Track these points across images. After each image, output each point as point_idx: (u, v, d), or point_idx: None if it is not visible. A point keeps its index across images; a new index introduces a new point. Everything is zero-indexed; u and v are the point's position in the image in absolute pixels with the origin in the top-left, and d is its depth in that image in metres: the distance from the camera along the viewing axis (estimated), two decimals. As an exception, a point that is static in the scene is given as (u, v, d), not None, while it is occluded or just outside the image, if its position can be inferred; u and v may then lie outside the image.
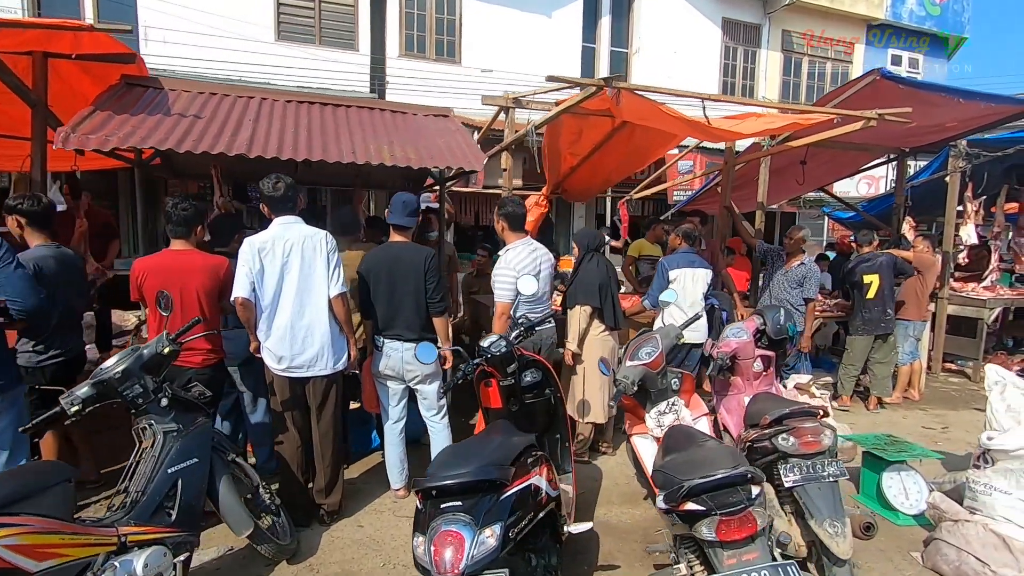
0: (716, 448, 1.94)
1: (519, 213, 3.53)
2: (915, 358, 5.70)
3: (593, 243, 4.03)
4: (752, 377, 3.43)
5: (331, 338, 2.89)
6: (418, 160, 3.43)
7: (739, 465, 1.71)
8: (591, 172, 5.66)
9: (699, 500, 1.71)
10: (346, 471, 3.80)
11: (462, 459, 1.81)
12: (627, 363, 2.67)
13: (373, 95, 10.16)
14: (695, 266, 4.17)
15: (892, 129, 5.62)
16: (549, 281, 3.66)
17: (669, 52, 12.30)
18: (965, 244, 6.92)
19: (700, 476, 1.72)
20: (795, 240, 4.83)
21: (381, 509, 3.25)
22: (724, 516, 1.66)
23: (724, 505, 1.68)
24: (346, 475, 3.74)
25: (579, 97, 3.40)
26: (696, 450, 1.98)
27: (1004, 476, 2.73)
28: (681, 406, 2.64)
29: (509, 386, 2.71)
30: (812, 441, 2.30)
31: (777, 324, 3.42)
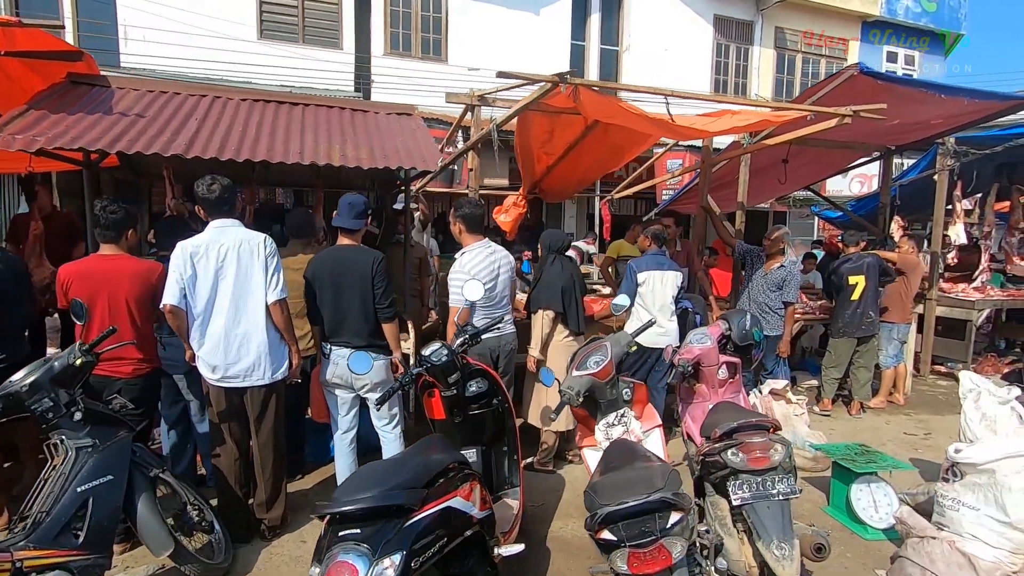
0: (644, 469, 1.81)
1: (477, 214, 3.41)
2: (899, 361, 5.56)
3: (556, 244, 3.92)
4: (717, 384, 3.30)
5: (269, 346, 2.77)
6: (370, 160, 3.31)
7: (657, 491, 1.58)
8: (567, 171, 5.53)
9: (613, 529, 1.59)
10: (300, 481, 3.69)
11: (370, 481, 1.69)
12: (573, 372, 2.54)
13: (358, 94, 10.04)
14: (664, 268, 4.03)
15: (876, 126, 5.48)
16: (509, 284, 3.54)
17: (660, 50, 12.15)
18: (954, 244, 6.78)
19: (615, 503, 1.59)
20: (774, 240, 4.69)
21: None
22: (634, 548, 1.54)
23: (635, 536, 1.56)
24: (300, 486, 3.63)
25: (536, 94, 3.27)
26: (626, 471, 1.85)
27: (972, 491, 2.60)
28: (631, 418, 2.51)
29: (452, 397, 2.58)
30: (761, 457, 2.17)
31: (743, 330, 3.28)
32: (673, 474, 1.75)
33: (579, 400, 2.44)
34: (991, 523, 2.49)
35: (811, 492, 3.64)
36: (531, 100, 3.35)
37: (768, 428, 2.32)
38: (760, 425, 2.32)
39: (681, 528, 1.59)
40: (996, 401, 3.13)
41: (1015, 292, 6.91)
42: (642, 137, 4.86)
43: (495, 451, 2.75)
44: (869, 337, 5.04)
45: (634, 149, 5.02)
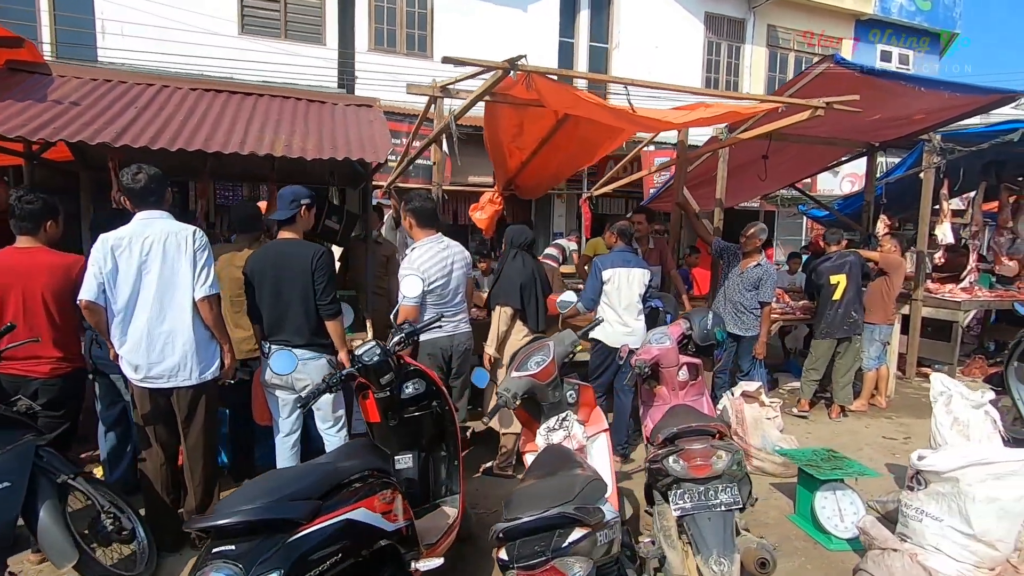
0: (561, 479, 1.67)
1: (427, 208, 3.26)
2: (881, 363, 5.41)
3: (518, 240, 3.77)
4: (678, 386, 3.16)
5: (196, 345, 2.62)
6: (315, 152, 3.17)
7: (559, 504, 1.44)
8: (540, 167, 5.39)
9: (509, 547, 1.45)
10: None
11: (259, 492, 1.54)
12: (512, 374, 2.40)
13: (342, 91, 9.91)
14: (631, 266, 3.89)
15: (858, 122, 5.35)
16: (464, 281, 3.39)
17: (650, 47, 12.02)
18: (941, 244, 6.63)
19: (510, 518, 1.45)
20: (750, 238, 4.55)
21: (268, 530, 2.98)
22: (522, 569, 1.40)
23: (525, 556, 1.41)
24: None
25: (489, 82, 3.13)
26: (545, 481, 1.71)
27: (936, 500, 2.45)
28: (573, 422, 2.37)
29: (386, 399, 2.44)
30: (702, 465, 2.03)
31: (704, 329, 3.15)
32: (592, 485, 1.60)
33: (515, 403, 2.29)
34: (954, 535, 2.35)
35: (779, 499, 3.50)
36: (484, 89, 3.21)
37: (713, 434, 2.17)
38: (704, 431, 2.17)
39: (587, 546, 1.44)
40: (969, 405, 3.00)
41: (1003, 293, 6.76)
42: (614, 132, 4.72)
43: (434, 456, 2.60)
44: (851, 338, 4.90)
45: (606, 144, 4.87)
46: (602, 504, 1.64)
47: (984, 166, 6.70)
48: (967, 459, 2.32)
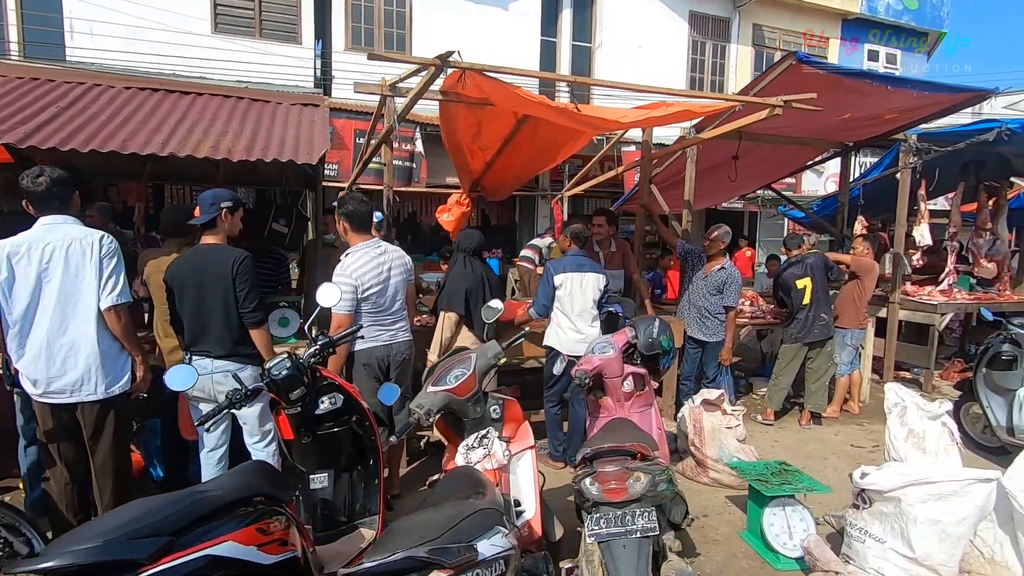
0: (442, 511, 1.53)
1: (361, 211, 3.12)
2: (854, 368, 5.29)
3: (466, 244, 3.64)
4: (623, 397, 3.03)
5: (102, 357, 2.48)
6: (243, 153, 3.03)
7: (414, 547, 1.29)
8: (504, 168, 5.26)
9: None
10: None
11: (103, 528, 1.40)
12: (428, 388, 2.26)
13: (318, 91, 9.76)
14: (584, 270, 3.75)
15: (830, 122, 5.23)
16: (404, 288, 3.25)
17: (634, 47, 11.90)
18: (920, 245, 6.52)
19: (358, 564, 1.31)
20: (714, 240, 4.42)
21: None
22: None
23: None
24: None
25: (424, 80, 2.99)
26: (426, 512, 1.57)
27: (879, 520, 2.32)
28: (494, 439, 2.23)
29: (297, 415, 2.30)
30: (617, 488, 1.90)
31: (649, 337, 3.01)
32: (476, 518, 1.47)
33: (429, 420, 2.16)
34: (896, 557, 2.22)
35: (733, 513, 3.37)
36: (422, 87, 3.07)
37: (633, 455, 2.03)
38: (622, 451, 2.03)
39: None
40: (925, 416, 2.88)
41: (981, 295, 6.65)
42: (576, 133, 4.57)
43: (353, 475, 2.46)
44: (823, 341, 4.76)
45: (569, 144, 4.74)
46: (490, 538, 1.50)
47: (963, 166, 6.58)
48: (908, 478, 2.19)
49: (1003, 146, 5.82)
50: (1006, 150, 6.56)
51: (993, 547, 2.24)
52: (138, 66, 8.67)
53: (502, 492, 2.21)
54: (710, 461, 3.67)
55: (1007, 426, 4.00)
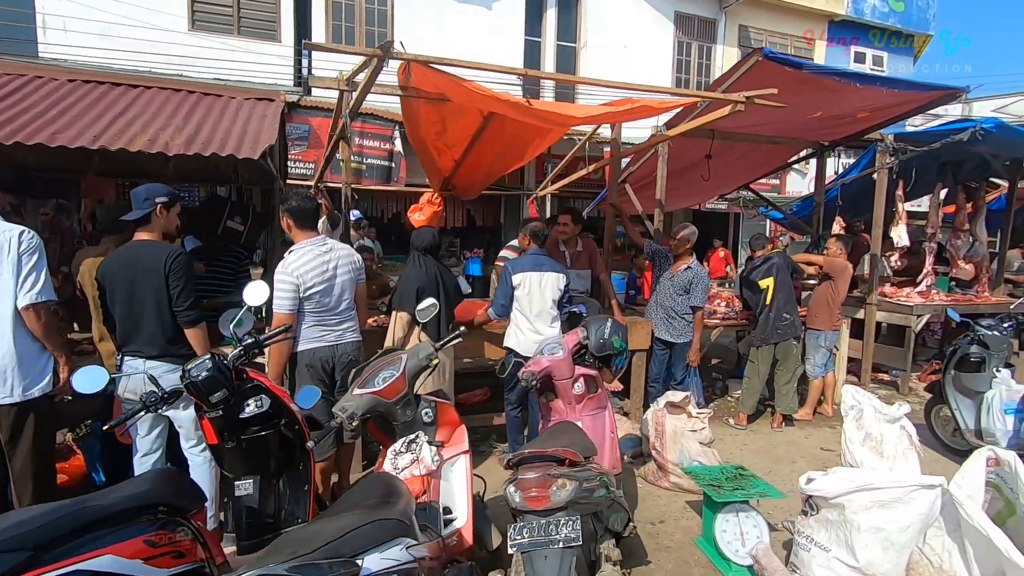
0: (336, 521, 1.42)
1: (307, 208, 3.02)
2: (828, 370, 5.21)
3: (420, 243, 3.55)
4: (574, 400, 2.94)
5: (19, 358, 2.37)
6: (181, 148, 2.93)
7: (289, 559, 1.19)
8: (472, 167, 5.17)
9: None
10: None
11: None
12: (354, 391, 2.16)
13: (298, 88, 9.65)
14: (543, 270, 3.66)
15: (804, 121, 5.17)
16: (352, 287, 3.15)
17: (619, 47, 11.85)
18: (897, 246, 6.46)
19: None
20: (680, 240, 4.34)
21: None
22: None
23: None
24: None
25: (369, 75, 2.90)
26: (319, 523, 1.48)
27: (825, 528, 2.23)
28: (423, 443, 2.14)
29: (218, 418, 2.20)
30: (538, 496, 1.80)
31: (600, 338, 2.93)
32: (368, 529, 1.37)
33: (353, 424, 2.06)
34: (840, 567, 2.13)
35: (691, 519, 3.27)
36: (368, 81, 2.97)
37: (561, 461, 1.94)
38: (547, 457, 1.94)
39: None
40: (883, 419, 2.80)
41: (959, 297, 6.61)
42: (543, 130, 4.50)
43: (282, 481, 2.36)
44: (789, 341, 4.68)
45: (537, 142, 4.65)
46: (385, 551, 1.41)
47: (940, 167, 6.54)
48: (853, 484, 2.10)
49: (979, 146, 5.78)
50: (984, 151, 6.53)
51: (941, 555, 2.16)
52: (114, 63, 8.53)
53: (431, 499, 2.13)
54: (671, 465, 3.58)
55: (975, 429, 3.93)
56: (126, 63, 8.62)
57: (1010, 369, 3.90)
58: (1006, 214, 7.17)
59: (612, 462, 2.91)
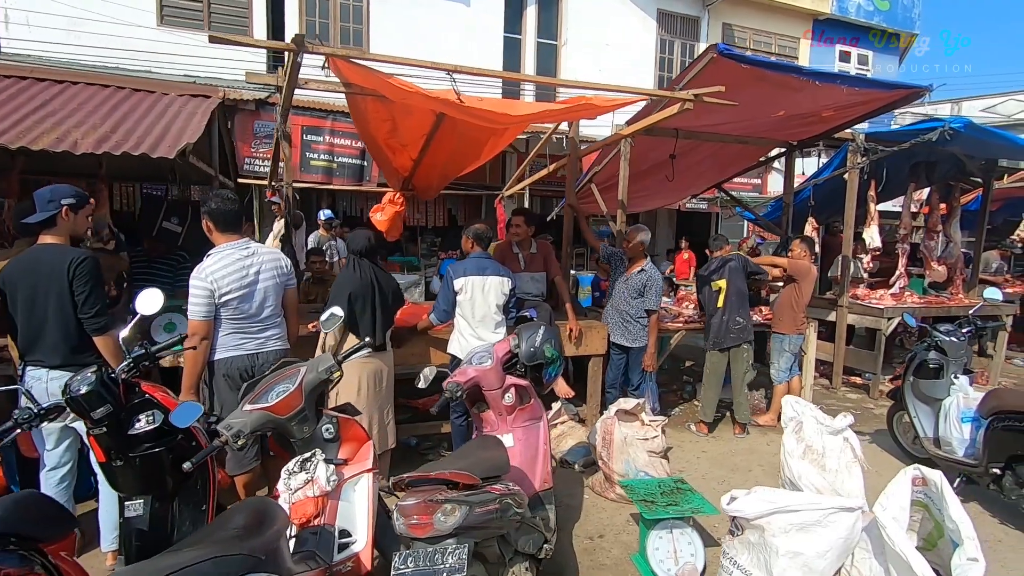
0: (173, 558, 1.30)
1: (227, 209, 2.88)
2: (793, 375, 5.10)
3: (356, 246, 3.40)
4: (504, 411, 2.81)
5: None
6: (91, 147, 2.82)
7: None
8: (428, 167, 5.04)
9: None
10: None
11: None
12: (244, 406, 2.03)
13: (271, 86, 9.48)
14: (486, 273, 3.53)
15: (767, 120, 5.06)
16: (279, 293, 3.01)
17: (601, 44, 11.72)
18: (869, 248, 6.37)
19: None
20: (634, 243, 4.22)
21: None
22: None
23: None
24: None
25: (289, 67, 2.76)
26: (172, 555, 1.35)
27: (747, 550, 2.12)
28: (318, 462, 2.01)
29: (103, 435, 2.06)
30: (419, 524, 1.68)
31: (532, 347, 2.80)
32: (203, 567, 1.25)
33: (240, 443, 1.92)
34: (759, 593, 2.01)
35: (631, 534, 3.15)
36: (290, 76, 2.84)
37: (455, 484, 1.81)
38: (438, 480, 1.81)
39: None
40: (825, 431, 2.68)
41: (932, 299, 6.52)
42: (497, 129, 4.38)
43: (177, 501, 2.22)
44: (740, 346, 4.57)
45: (492, 142, 4.52)
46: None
47: (913, 167, 6.44)
48: (772, 505, 1.99)
49: (950, 146, 5.69)
50: (957, 151, 6.44)
51: (869, 579, 2.04)
52: (79, 59, 8.35)
53: (325, 522, 2.00)
54: (616, 476, 3.46)
55: (934, 437, 3.83)
56: (92, 59, 8.43)
57: (969, 376, 3.79)
58: (980, 215, 7.09)
59: (543, 477, 2.79)
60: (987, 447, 3.28)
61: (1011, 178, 7.94)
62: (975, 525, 3.33)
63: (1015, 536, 3.19)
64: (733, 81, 4.10)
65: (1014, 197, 8.49)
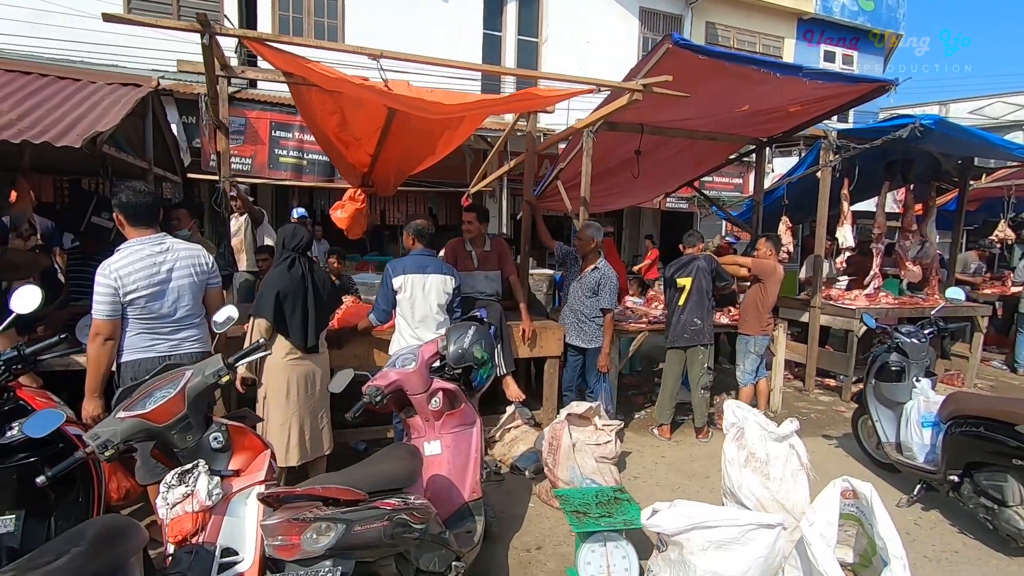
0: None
1: (139, 203, 2.70)
2: (760, 377, 4.96)
3: (291, 242, 3.23)
4: (432, 417, 2.66)
5: None
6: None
7: None
8: (384, 163, 4.88)
9: None
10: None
11: None
12: (117, 413, 1.87)
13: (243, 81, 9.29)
14: (427, 271, 3.38)
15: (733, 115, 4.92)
16: (196, 291, 2.84)
17: (582, 42, 11.60)
18: (842, 247, 6.25)
19: None
20: (584, 240, 4.07)
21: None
22: None
23: None
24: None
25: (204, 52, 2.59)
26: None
27: (669, 567, 1.97)
28: (199, 474, 1.85)
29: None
30: (285, 545, 1.52)
31: (459, 348, 2.65)
32: None
33: (108, 453, 1.76)
34: (678, 615, 1.86)
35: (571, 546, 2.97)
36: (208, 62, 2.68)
37: (327, 501, 1.65)
38: (311, 496, 1.65)
39: None
40: (769, 438, 2.53)
41: (907, 300, 6.41)
42: (452, 123, 4.22)
43: (55, 517, 2.05)
44: (696, 347, 4.41)
45: (447, 136, 4.36)
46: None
47: (887, 166, 6.34)
48: (689, 521, 1.83)
49: (923, 144, 5.58)
50: (933, 150, 6.34)
51: (799, 599, 1.90)
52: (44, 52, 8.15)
53: (205, 540, 1.83)
54: (561, 483, 3.31)
55: (895, 442, 3.70)
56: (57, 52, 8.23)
57: (931, 379, 3.66)
58: (957, 214, 6.99)
59: (472, 487, 2.64)
60: (945, 453, 3.15)
61: (989, 178, 7.86)
62: (934, 534, 3.23)
63: (973, 547, 3.06)
64: (692, 73, 3.98)
65: (993, 197, 8.41)
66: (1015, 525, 2.73)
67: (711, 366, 4.51)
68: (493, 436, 4.06)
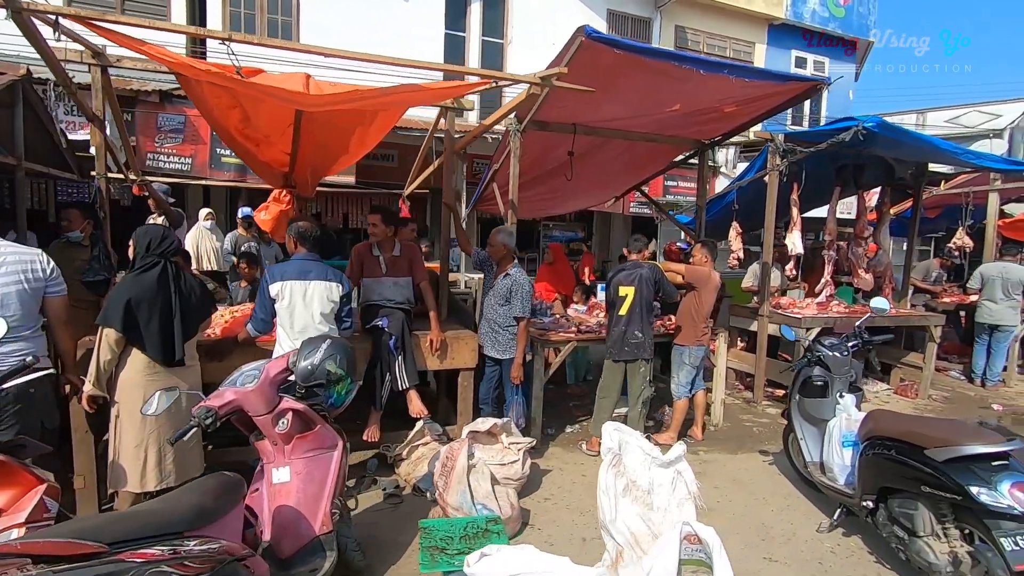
0: None
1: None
2: (697, 389, 4.73)
3: (155, 246, 2.93)
4: (281, 440, 2.39)
5: None
6: None
7: None
8: (302, 161, 4.61)
9: None
10: None
11: None
12: None
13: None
14: (309, 278, 3.11)
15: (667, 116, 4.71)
16: (22, 300, 2.55)
17: (548, 44, 11.39)
18: (791, 254, 6.07)
19: None
20: (495, 247, 3.82)
21: None
22: None
23: None
24: None
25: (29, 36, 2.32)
26: None
27: (496, 623, 1.71)
28: None
29: None
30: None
31: (309, 365, 2.38)
32: None
33: None
34: None
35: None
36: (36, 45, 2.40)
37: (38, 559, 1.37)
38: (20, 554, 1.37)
39: None
40: (653, 464, 2.29)
41: (858, 309, 6.22)
42: (365, 117, 3.97)
43: None
44: (637, 362, 4.19)
45: (359, 132, 4.11)
46: None
47: (839, 171, 6.17)
48: (506, 570, 1.58)
49: (871, 148, 5.42)
50: (885, 155, 6.19)
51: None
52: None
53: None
54: (450, 510, 3.03)
55: (819, 462, 3.48)
56: None
57: (856, 394, 3.44)
58: (911, 221, 6.84)
59: (324, 520, 2.36)
60: (860, 476, 2.93)
61: (948, 184, 7.73)
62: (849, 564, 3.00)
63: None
64: (611, 68, 3.77)
65: (954, 204, 8.29)
66: (925, 558, 2.51)
67: (651, 379, 4.29)
68: (399, 454, 3.79)
